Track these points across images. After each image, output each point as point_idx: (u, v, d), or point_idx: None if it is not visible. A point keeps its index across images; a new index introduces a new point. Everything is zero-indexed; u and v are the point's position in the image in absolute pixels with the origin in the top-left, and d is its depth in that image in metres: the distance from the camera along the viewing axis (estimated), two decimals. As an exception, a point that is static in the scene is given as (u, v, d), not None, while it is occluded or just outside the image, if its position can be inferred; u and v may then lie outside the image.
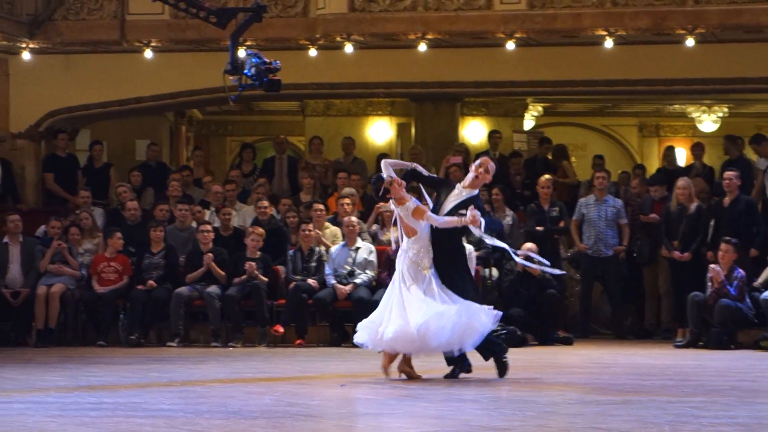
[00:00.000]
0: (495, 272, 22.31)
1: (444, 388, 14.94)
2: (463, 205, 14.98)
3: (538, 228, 22.57)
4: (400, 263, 15.34)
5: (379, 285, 21.03)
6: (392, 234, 16.92)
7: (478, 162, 15.51)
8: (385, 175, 15.21)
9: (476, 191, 15.41)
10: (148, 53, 25.04)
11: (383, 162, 15.56)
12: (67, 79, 25.67)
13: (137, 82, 25.56)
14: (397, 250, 15.93)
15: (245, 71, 17.17)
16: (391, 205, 15.42)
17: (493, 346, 15.54)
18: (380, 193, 15.36)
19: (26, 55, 25.33)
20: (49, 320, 21.17)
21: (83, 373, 17.43)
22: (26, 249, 21.80)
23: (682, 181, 22.23)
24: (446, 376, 15.55)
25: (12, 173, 24.63)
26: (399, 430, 11.46)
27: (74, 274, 21.77)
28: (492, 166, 15.56)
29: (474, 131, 32.08)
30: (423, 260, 15.21)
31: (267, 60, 17.12)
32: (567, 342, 21.46)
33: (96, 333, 21.67)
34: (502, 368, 15.52)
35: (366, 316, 17.30)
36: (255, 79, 17.10)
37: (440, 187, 15.67)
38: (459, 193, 15.22)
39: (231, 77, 17.47)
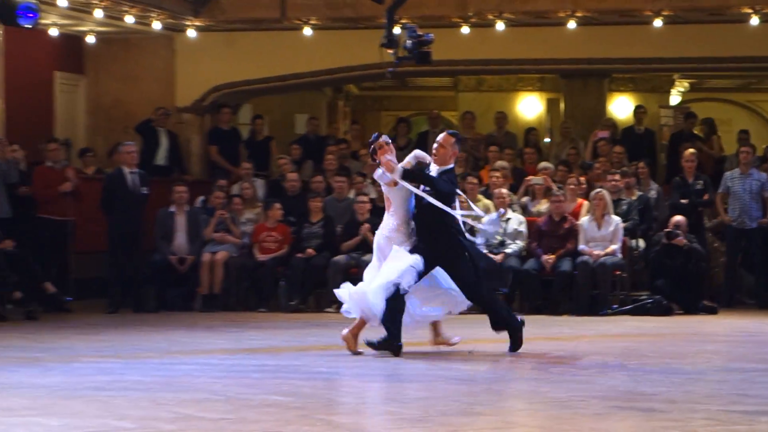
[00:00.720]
0: (642, 243, 22.27)
1: (588, 357, 14.95)
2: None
3: (683, 201, 22.40)
4: (376, 236, 14.97)
5: (528, 255, 21.23)
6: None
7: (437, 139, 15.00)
8: (384, 138, 14.93)
9: (450, 165, 14.87)
10: (307, 30, 25.19)
11: (413, 153, 15.36)
12: (230, 56, 25.85)
13: (296, 59, 25.70)
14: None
15: (401, 45, 17.58)
16: (378, 171, 14.66)
17: (508, 320, 15.08)
18: (370, 150, 15.05)
19: (191, 33, 25.61)
20: (213, 286, 21.47)
21: (245, 337, 17.86)
22: (191, 218, 22.01)
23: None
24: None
25: (178, 146, 25.00)
26: (548, 394, 11.57)
27: (237, 242, 22.07)
28: (446, 139, 14.85)
29: (621, 106, 31.94)
30: (399, 237, 14.64)
31: (420, 33, 17.52)
32: (712, 311, 21.15)
33: (257, 299, 21.94)
34: (515, 343, 15.01)
35: (516, 283, 19.08)
36: (409, 51, 17.52)
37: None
38: (432, 171, 14.74)
39: (388, 50, 17.89)
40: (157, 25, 24.91)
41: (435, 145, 14.72)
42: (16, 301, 19.87)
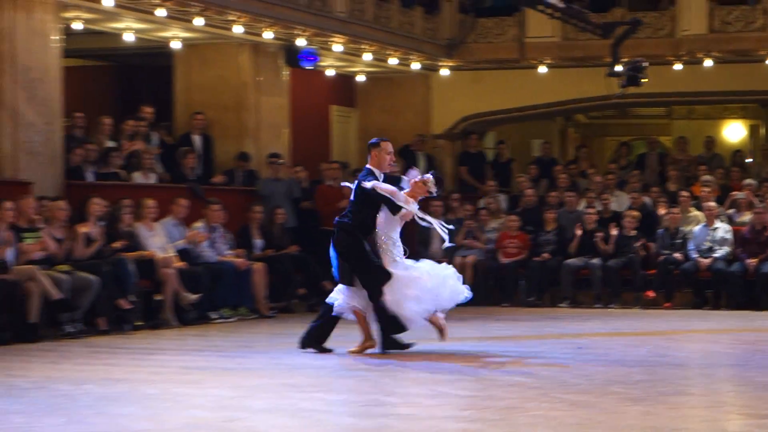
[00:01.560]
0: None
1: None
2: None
3: None
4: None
5: (734, 259, 20.82)
6: None
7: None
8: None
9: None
10: (542, 68, 25.40)
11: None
12: (476, 91, 26.09)
13: (533, 93, 25.90)
14: None
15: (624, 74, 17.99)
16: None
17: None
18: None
19: (444, 72, 25.94)
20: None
21: (492, 327, 17.90)
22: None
23: None
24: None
25: (435, 167, 25.20)
26: (755, 378, 11.30)
27: (483, 248, 22.07)
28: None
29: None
30: (389, 251, 13.44)
31: (637, 60, 17.79)
32: None
33: (501, 295, 21.94)
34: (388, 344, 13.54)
35: (724, 285, 18.68)
36: (626, 75, 17.97)
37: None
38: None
39: (613, 79, 18.15)
40: (416, 66, 25.43)
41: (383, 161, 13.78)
42: (301, 297, 20.14)
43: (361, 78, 26.24)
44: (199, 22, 19.91)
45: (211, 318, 17.85)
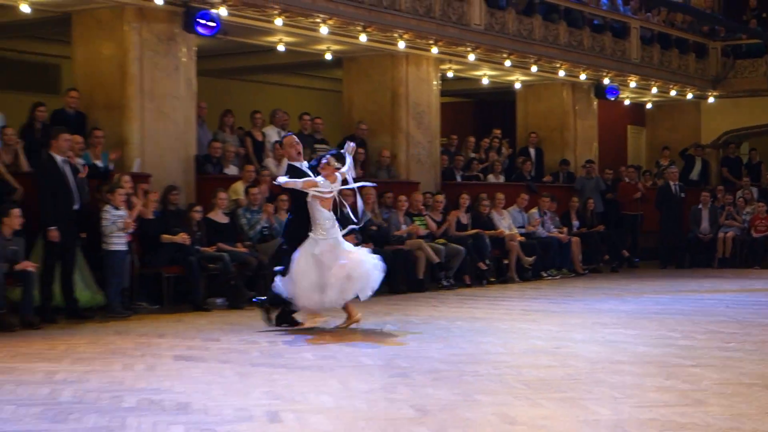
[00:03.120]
0: None
1: None
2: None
3: None
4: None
5: None
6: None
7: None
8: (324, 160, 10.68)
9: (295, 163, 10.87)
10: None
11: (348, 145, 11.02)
12: (735, 113, 25.09)
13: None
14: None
15: None
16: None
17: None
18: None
19: (711, 100, 25.05)
20: (725, 253, 20.87)
21: (746, 284, 16.93)
22: (712, 211, 21.17)
23: None
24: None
25: (708, 168, 24.59)
26: None
27: (739, 225, 21.12)
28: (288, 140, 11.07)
29: None
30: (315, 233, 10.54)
31: None
32: None
33: (752, 261, 20.63)
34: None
35: None
36: None
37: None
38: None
39: None
40: (690, 96, 24.74)
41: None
42: (605, 261, 19.99)
43: (649, 105, 25.72)
44: (534, 69, 20.16)
45: (543, 276, 17.84)
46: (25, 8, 13.56)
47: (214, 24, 14.24)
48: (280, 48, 17.02)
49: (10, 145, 12.55)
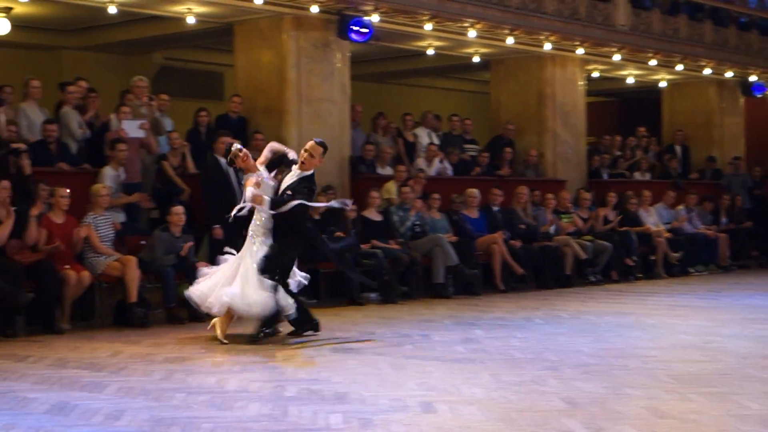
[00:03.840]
0: None
1: None
2: (293, 185, 9.33)
3: None
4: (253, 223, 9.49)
5: None
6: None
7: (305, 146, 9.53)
8: (237, 146, 9.64)
9: (309, 172, 9.42)
10: None
11: (268, 146, 9.84)
12: None
13: None
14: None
15: None
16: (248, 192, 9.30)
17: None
18: (228, 162, 9.96)
19: None
20: None
21: None
22: None
23: None
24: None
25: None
26: None
27: None
28: (314, 149, 9.40)
29: None
30: (266, 227, 9.38)
31: None
32: None
33: None
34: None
35: None
36: None
37: (287, 168, 9.61)
38: (293, 173, 9.42)
39: None
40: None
41: (305, 154, 9.38)
42: (754, 257, 19.38)
43: None
44: (679, 67, 19.72)
45: (690, 272, 17.43)
46: (190, 20, 14.04)
47: (366, 30, 14.41)
48: (430, 52, 17.19)
49: (177, 148, 12.97)
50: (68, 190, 10.89)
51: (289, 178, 9.47)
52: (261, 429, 5.78)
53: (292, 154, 9.70)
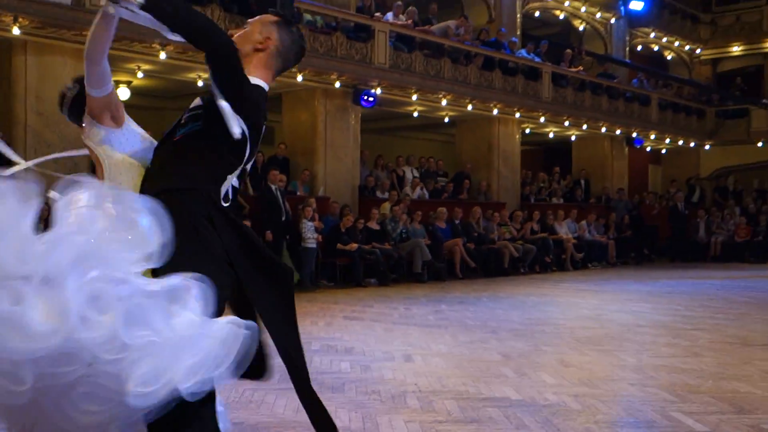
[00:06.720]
0: None
1: None
2: None
3: None
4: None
5: None
6: None
7: None
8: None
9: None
10: None
11: None
12: (724, 156, 23.79)
13: None
14: None
15: None
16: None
17: None
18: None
19: (707, 147, 23.74)
20: (716, 252, 19.72)
21: None
22: (707, 223, 20.20)
23: None
24: None
25: (703, 194, 23.41)
26: None
27: (726, 233, 19.92)
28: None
29: None
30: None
31: None
32: None
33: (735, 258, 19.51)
34: None
35: None
36: None
37: None
38: None
39: None
40: (692, 144, 23.49)
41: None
42: (632, 257, 19.28)
43: (664, 150, 24.32)
44: (584, 127, 19.62)
45: (588, 266, 17.03)
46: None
47: (372, 99, 14.40)
48: (415, 114, 17.12)
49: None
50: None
51: None
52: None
53: None
